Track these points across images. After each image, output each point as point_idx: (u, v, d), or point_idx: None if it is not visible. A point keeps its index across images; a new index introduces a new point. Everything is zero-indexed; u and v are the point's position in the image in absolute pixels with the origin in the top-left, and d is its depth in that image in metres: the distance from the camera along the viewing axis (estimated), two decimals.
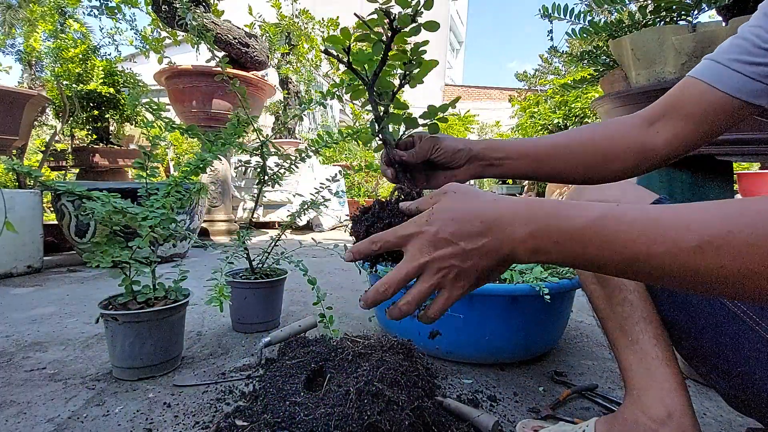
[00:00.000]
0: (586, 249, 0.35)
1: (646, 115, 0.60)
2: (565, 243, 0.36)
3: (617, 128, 0.60)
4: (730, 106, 0.54)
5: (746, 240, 0.30)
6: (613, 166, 0.60)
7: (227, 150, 1.15)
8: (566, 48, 1.57)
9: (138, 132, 4.26)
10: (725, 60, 0.54)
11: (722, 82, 0.54)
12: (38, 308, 1.48)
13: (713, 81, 0.55)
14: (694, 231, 0.31)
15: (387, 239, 0.44)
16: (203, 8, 2.95)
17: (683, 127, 0.57)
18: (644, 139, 0.59)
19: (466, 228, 0.39)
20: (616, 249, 0.34)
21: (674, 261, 0.32)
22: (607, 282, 0.68)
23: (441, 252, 0.40)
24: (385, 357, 0.75)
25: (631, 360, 0.63)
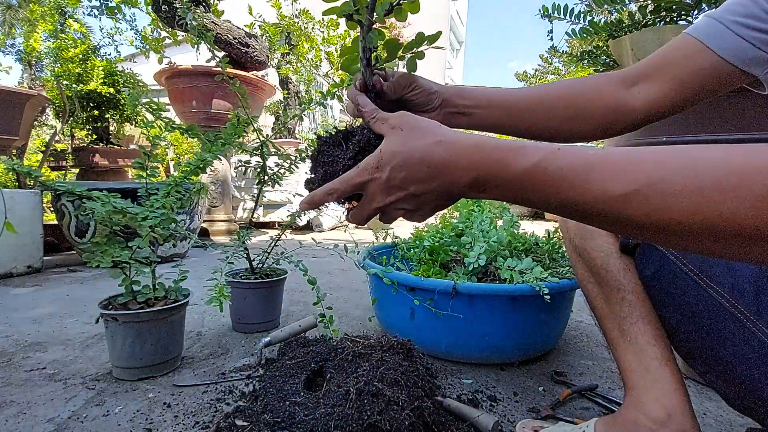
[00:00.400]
0: (525, 193, 0.37)
1: (630, 74, 0.57)
2: (506, 186, 0.38)
3: (595, 85, 0.57)
4: (722, 71, 0.51)
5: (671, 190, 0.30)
6: (585, 124, 0.58)
7: (227, 150, 1.15)
8: (566, 48, 1.57)
9: (138, 132, 4.26)
10: (727, 20, 0.50)
11: (719, 43, 0.50)
12: (38, 308, 1.48)
13: (710, 41, 0.51)
14: (622, 179, 0.32)
15: (342, 189, 0.45)
16: (203, 8, 2.95)
17: (667, 89, 0.54)
18: (623, 99, 0.56)
19: (414, 173, 0.41)
20: (549, 194, 0.36)
21: (603, 207, 0.33)
22: (606, 282, 0.68)
23: (393, 197, 0.43)
24: (385, 357, 0.75)
25: (630, 360, 0.63)
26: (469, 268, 1.13)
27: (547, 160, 0.35)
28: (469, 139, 0.39)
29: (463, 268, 1.16)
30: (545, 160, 0.36)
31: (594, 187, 0.33)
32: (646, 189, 0.31)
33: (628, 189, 0.32)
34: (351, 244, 1.25)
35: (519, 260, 1.10)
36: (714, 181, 0.29)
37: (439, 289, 0.99)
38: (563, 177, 0.35)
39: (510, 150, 0.37)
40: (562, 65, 8.40)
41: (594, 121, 0.57)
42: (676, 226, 0.31)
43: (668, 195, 0.30)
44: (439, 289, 0.99)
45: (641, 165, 0.32)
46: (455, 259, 1.21)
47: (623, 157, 0.33)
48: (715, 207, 0.29)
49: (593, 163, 0.34)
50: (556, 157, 0.35)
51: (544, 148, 0.36)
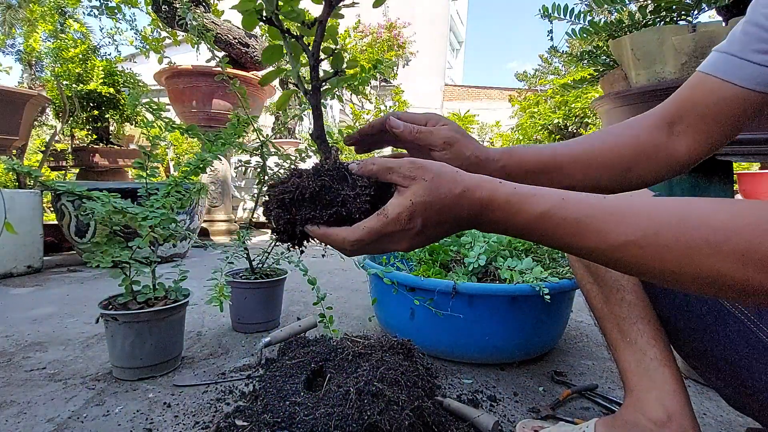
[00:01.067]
0: (529, 237, 0.41)
1: (663, 116, 0.55)
2: (512, 230, 0.42)
3: (640, 134, 0.55)
4: (752, 99, 0.50)
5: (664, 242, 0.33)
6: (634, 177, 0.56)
7: (227, 150, 1.15)
8: (566, 48, 1.57)
9: (138, 132, 4.26)
10: (739, 51, 0.50)
11: (738, 75, 0.50)
12: (38, 308, 1.48)
13: (727, 75, 0.50)
14: (619, 231, 0.35)
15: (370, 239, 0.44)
16: (203, 8, 2.95)
17: (703, 129, 0.53)
18: (667, 145, 0.55)
19: (443, 224, 0.43)
20: (554, 241, 0.40)
21: (601, 254, 0.37)
22: (604, 282, 0.68)
23: (416, 241, 0.44)
24: (385, 357, 0.75)
25: (630, 361, 0.63)
26: (469, 268, 1.13)
27: (554, 210, 0.38)
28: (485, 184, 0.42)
29: (463, 268, 1.16)
30: (552, 209, 0.38)
31: (593, 237, 0.37)
32: (641, 241, 0.34)
33: (624, 240, 0.35)
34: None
35: (519, 260, 1.10)
36: (702, 236, 0.32)
37: (439, 289, 0.99)
38: (567, 226, 0.38)
39: (521, 197, 0.40)
40: (562, 65, 8.38)
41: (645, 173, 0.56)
42: (669, 274, 0.34)
43: (660, 247, 0.33)
44: (439, 289, 0.99)
45: (636, 218, 0.35)
46: (455, 259, 1.21)
47: (619, 208, 0.36)
48: (704, 259, 0.32)
49: (593, 215, 0.37)
50: (560, 207, 0.38)
51: (551, 197, 0.39)
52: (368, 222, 0.44)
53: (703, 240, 0.32)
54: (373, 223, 0.43)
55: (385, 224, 0.43)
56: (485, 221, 0.42)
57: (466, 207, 0.42)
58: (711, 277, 0.32)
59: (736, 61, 0.50)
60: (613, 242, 0.35)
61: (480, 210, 0.42)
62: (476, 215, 0.42)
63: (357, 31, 6.78)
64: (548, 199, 0.39)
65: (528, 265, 1.07)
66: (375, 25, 9.04)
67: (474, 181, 0.42)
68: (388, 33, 9.03)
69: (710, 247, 0.31)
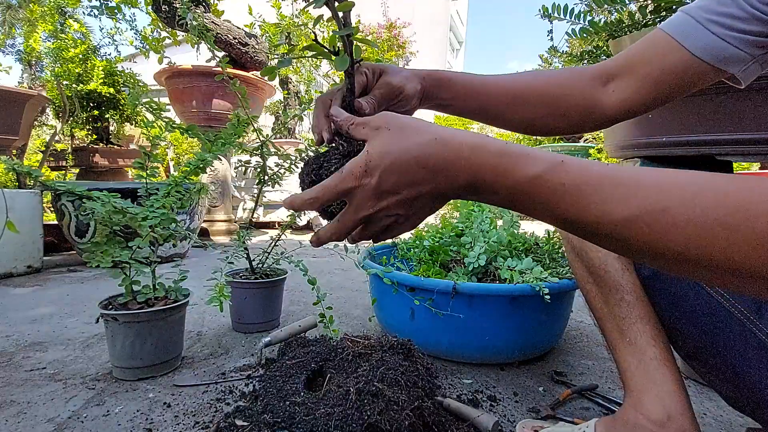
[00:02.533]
0: (522, 203, 0.36)
1: (603, 71, 0.55)
2: (503, 194, 0.36)
3: (570, 81, 0.56)
4: (696, 69, 0.50)
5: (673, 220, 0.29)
6: (559, 121, 0.57)
7: (227, 150, 1.15)
8: (566, 48, 1.57)
9: (138, 132, 4.26)
10: (703, 18, 0.48)
11: (694, 42, 0.49)
12: (38, 308, 1.48)
13: (685, 40, 0.50)
14: (625, 204, 0.31)
15: (323, 197, 0.40)
16: (203, 8, 2.95)
17: (640, 88, 0.53)
18: (597, 97, 0.55)
19: (408, 176, 0.37)
20: (549, 208, 0.34)
21: (603, 229, 0.32)
22: (604, 282, 0.68)
23: (384, 202, 0.39)
24: (385, 357, 0.75)
25: (629, 361, 0.63)
26: (469, 268, 1.13)
27: (550, 173, 0.34)
28: (467, 138, 0.37)
29: (463, 268, 1.16)
30: (548, 172, 0.34)
31: (596, 208, 0.32)
32: (648, 217, 0.30)
33: (630, 215, 0.31)
34: (351, 244, 1.25)
35: (519, 260, 1.10)
36: (717, 216, 0.28)
37: (439, 289, 0.99)
38: (565, 193, 0.33)
39: (511, 157, 0.35)
40: (562, 65, 8.35)
41: (568, 119, 0.57)
42: (674, 254, 0.30)
43: (670, 225, 0.30)
44: (439, 289, 0.99)
45: (645, 191, 0.31)
46: (455, 259, 1.21)
47: (627, 179, 0.32)
48: (716, 242, 0.28)
49: (597, 184, 0.33)
50: (559, 171, 0.34)
51: (548, 160, 0.34)
52: (325, 180, 0.40)
53: (717, 221, 0.28)
54: (328, 180, 0.40)
55: (340, 179, 0.39)
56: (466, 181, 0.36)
57: (441, 161, 0.36)
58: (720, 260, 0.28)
59: (697, 27, 0.49)
60: (618, 216, 0.31)
61: (461, 165, 0.36)
62: (462, 170, 0.36)
63: None
64: (544, 160, 0.34)
65: (528, 265, 1.07)
66: (375, 25, 9.03)
67: (451, 130, 0.37)
68: (388, 33, 9.02)
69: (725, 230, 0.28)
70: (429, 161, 0.36)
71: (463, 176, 0.37)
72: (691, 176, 0.31)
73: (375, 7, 11.29)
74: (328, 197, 0.40)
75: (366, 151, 0.38)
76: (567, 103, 0.56)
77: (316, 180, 0.43)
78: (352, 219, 0.41)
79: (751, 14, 0.46)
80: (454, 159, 0.36)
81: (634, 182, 0.32)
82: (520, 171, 0.35)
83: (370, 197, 0.39)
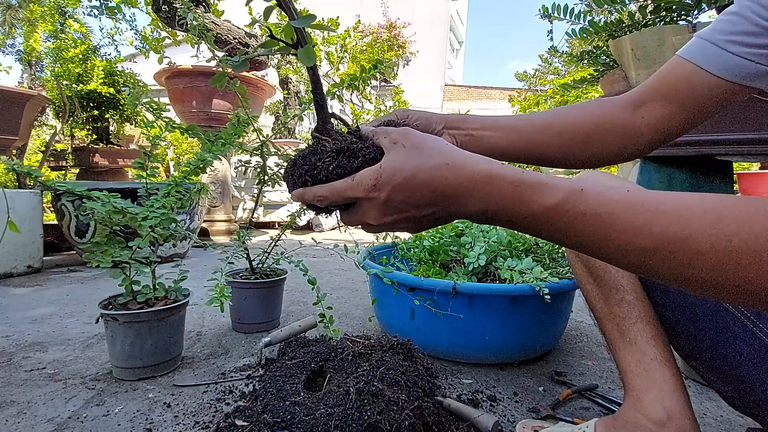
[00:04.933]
0: (540, 231, 0.36)
1: (633, 98, 0.56)
2: (519, 223, 0.36)
3: (602, 109, 0.56)
4: (723, 89, 0.51)
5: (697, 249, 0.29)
6: (593, 149, 0.56)
7: (227, 150, 1.15)
8: (566, 48, 1.57)
9: (138, 132, 4.26)
10: (720, 40, 0.49)
11: (714, 64, 0.50)
12: (38, 308, 1.48)
13: (704, 63, 0.51)
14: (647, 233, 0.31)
15: (331, 199, 0.41)
16: (203, 8, 2.95)
17: (669, 111, 0.54)
18: (629, 123, 0.55)
19: (416, 197, 0.37)
20: (568, 236, 0.34)
21: (625, 257, 0.33)
22: (604, 282, 0.68)
23: (390, 218, 0.40)
24: (385, 357, 0.75)
25: (629, 361, 0.63)
26: (469, 268, 1.13)
27: (569, 203, 0.33)
28: (480, 165, 0.36)
29: (463, 268, 1.16)
30: (567, 202, 0.34)
31: (618, 237, 0.32)
32: (672, 246, 0.30)
33: (653, 245, 0.31)
34: (351, 244, 1.25)
35: (519, 260, 1.10)
36: (740, 243, 0.28)
37: (439, 289, 0.99)
38: (585, 222, 0.33)
39: (528, 186, 0.35)
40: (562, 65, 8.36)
41: (601, 146, 0.56)
42: (699, 281, 0.30)
43: (693, 253, 0.29)
44: (439, 289, 0.99)
45: (666, 218, 0.31)
46: (455, 259, 1.21)
47: (648, 205, 0.32)
48: (741, 270, 0.28)
49: (617, 211, 0.32)
50: (578, 199, 0.33)
51: (566, 188, 0.34)
52: (336, 182, 0.41)
53: (742, 248, 0.28)
54: (339, 183, 0.40)
55: (348, 186, 0.40)
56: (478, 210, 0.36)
57: (452, 188, 0.36)
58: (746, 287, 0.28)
59: (716, 50, 0.50)
60: (640, 245, 0.31)
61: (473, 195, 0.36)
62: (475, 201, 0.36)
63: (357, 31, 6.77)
64: (562, 189, 0.34)
65: (528, 265, 1.07)
66: (375, 25, 9.04)
67: (464, 155, 0.37)
68: (388, 33, 9.02)
69: (750, 257, 0.28)
70: (438, 187, 0.36)
71: (474, 205, 0.36)
72: (712, 201, 0.30)
73: (375, 7, 11.28)
74: (335, 200, 0.41)
75: (379, 165, 0.39)
76: (602, 129, 0.56)
77: (309, 181, 0.43)
78: (358, 221, 0.42)
79: (764, 27, 0.47)
80: (465, 188, 0.36)
81: (654, 208, 0.31)
82: (537, 201, 0.34)
83: (377, 211, 0.39)
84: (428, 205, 0.37)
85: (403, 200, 0.38)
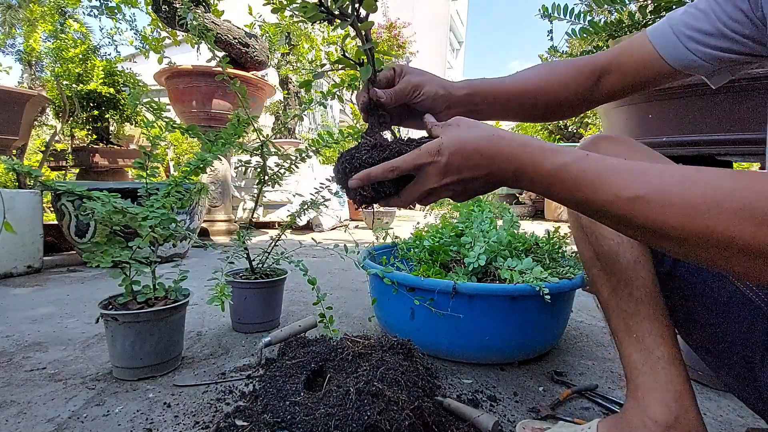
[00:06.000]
0: (551, 188, 0.44)
1: (598, 66, 0.66)
2: (537, 180, 0.45)
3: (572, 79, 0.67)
4: (668, 73, 0.61)
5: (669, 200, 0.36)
6: (562, 111, 0.70)
7: (227, 150, 1.15)
8: (566, 48, 1.57)
9: (138, 132, 4.26)
10: (682, 34, 0.58)
11: (672, 54, 0.59)
12: (38, 308, 1.48)
13: (663, 50, 0.60)
14: (630, 186, 0.38)
15: (404, 167, 0.50)
16: (203, 8, 2.95)
17: (623, 84, 0.65)
18: (593, 92, 0.67)
19: (470, 161, 0.47)
20: (571, 191, 0.43)
21: (612, 208, 0.40)
22: (613, 272, 0.64)
23: (448, 179, 0.49)
24: (385, 357, 0.75)
25: (636, 358, 0.61)
26: (469, 268, 1.13)
27: (573, 163, 0.42)
28: (517, 137, 0.47)
29: (463, 268, 1.16)
30: (574, 161, 0.42)
31: (607, 189, 0.40)
32: (648, 196, 0.37)
33: (634, 194, 0.38)
34: (351, 244, 1.25)
35: (519, 260, 1.10)
36: (704, 194, 0.35)
37: (439, 289, 0.99)
38: (584, 178, 0.41)
39: (546, 150, 0.45)
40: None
41: (569, 109, 0.70)
42: (671, 231, 0.36)
43: (665, 203, 0.36)
44: (439, 289, 0.99)
45: (648, 176, 0.38)
46: (455, 259, 1.21)
47: (636, 167, 0.39)
48: (705, 218, 0.34)
49: (609, 170, 0.40)
50: (581, 161, 0.42)
51: (574, 153, 0.43)
52: (406, 154, 0.50)
53: (705, 197, 0.34)
54: (407, 154, 0.50)
55: (418, 155, 0.49)
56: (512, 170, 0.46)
57: (497, 152, 0.46)
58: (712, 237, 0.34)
59: (676, 42, 0.59)
60: (625, 196, 0.38)
61: (509, 156, 0.46)
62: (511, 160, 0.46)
63: None
64: (572, 153, 0.43)
65: (528, 265, 1.07)
66: (375, 25, 9.05)
67: (504, 131, 0.48)
68: (389, 33, 9.01)
69: (712, 204, 0.34)
70: (487, 151, 0.47)
71: (509, 165, 0.46)
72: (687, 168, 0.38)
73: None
74: (405, 167, 0.50)
75: (439, 137, 0.49)
76: (571, 97, 0.68)
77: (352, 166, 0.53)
78: (419, 189, 0.51)
79: (720, 31, 0.55)
80: (505, 151, 0.46)
81: (639, 170, 0.39)
82: (550, 160, 0.44)
83: (438, 173, 0.49)
84: (477, 166, 0.47)
85: (459, 162, 0.48)
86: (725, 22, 0.54)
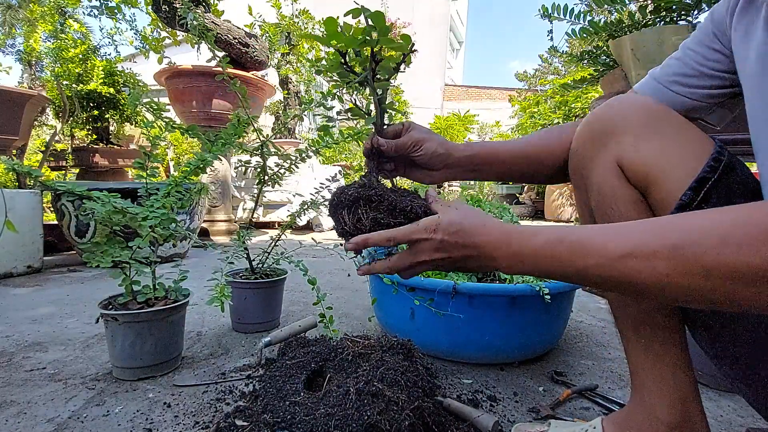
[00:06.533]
0: (541, 266, 0.47)
1: None
2: (526, 262, 0.48)
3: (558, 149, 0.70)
4: None
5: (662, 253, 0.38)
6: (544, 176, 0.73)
7: (227, 150, 1.15)
8: (566, 48, 1.57)
9: (138, 132, 4.26)
10: (665, 81, 0.62)
11: (660, 100, 0.60)
12: (38, 308, 1.48)
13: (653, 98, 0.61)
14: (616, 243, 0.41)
15: (400, 239, 0.53)
16: (203, 8, 2.95)
17: None
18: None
19: (459, 244, 0.51)
20: (561, 265, 0.45)
21: (603, 269, 0.41)
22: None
23: (437, 255, 0.52)
24: (385, 357, 0.75)
25: (643, 361, 0.61)
26: None
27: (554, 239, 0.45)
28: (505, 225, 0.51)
29: None
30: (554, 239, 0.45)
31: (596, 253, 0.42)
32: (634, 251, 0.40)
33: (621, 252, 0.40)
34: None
35: None
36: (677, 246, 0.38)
37: (439, 289, 0.99)
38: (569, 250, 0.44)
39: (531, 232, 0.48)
40: (562, 65, 8.36)
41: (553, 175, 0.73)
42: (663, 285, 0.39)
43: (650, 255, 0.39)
44: (439, 289, 0.99)
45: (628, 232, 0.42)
46: None
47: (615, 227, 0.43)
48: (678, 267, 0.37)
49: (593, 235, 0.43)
50: (568, 233, 0.45)
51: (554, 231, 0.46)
52: (404, 227, 0.54)
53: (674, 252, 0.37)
54: (405, 227, 0.54)
55: (415, 229, 0.52)
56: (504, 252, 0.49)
57: (488, 235, 0.50)
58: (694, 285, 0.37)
59: (663, 89, 0.63)
60: (612, 255, 0.40)
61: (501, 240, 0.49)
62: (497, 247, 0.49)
63: None
64: (555, 231, 0.46)
65: None
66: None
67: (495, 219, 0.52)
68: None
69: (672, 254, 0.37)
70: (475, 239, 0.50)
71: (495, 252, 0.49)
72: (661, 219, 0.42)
73: (375, 8, 11.27)
74: (402, 240, 0.53)
75: (438, 216, 0.53)
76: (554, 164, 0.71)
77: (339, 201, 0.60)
78: (409, 260, 0.54)
79: (700, 72, 0.59)
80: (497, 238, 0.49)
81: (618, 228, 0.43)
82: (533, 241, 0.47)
83: (431, 249, 0.52)
84: (465, 249, 0.51)
85: (453, 243, 0.51)
86: (702, 63, 0.58)
